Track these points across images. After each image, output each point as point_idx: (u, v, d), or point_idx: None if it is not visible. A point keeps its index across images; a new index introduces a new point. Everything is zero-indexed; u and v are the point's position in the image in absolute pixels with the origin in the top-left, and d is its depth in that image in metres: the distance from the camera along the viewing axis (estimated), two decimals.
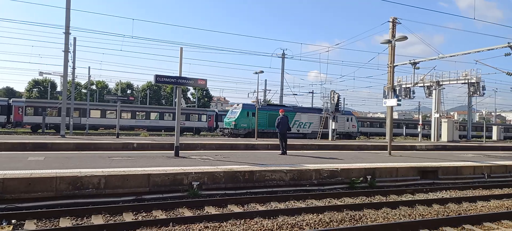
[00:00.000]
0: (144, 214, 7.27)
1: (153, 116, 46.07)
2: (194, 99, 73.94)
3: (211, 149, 19.57)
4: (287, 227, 6.59)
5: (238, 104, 35.62)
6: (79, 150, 16.16)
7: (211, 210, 7.71)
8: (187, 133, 45.60)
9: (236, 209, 7.93)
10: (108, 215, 7.02)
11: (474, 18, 16.92)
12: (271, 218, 7.15)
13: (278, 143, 16.04)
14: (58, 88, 62.48)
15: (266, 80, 47.52)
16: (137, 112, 45.28)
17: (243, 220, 6.89)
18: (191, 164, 10.67)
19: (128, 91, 76.04)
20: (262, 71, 29.10)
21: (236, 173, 9.78)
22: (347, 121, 39.14)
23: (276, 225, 6.62)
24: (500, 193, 10.76)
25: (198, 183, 9.13)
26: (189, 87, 57.54)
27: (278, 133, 15.61)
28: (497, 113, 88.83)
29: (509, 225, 7.47)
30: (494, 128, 57.01)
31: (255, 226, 6.56)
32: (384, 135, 50.51)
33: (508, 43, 17.77)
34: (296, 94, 53.28)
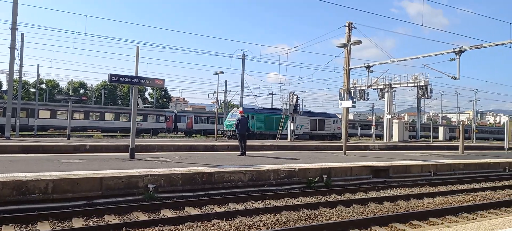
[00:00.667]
0: (96, 219, 6.96)
1: (108, 116, 44.30)
2: (152, 100, 72.11)
3: (169, 150, 19.18)
4: (245, 228, 6.60)
5: (238, 108, 36.90)
6: (26, 153, 15.16)
7: (167, 213, 7.55)
8: (145, 134, 44.35)
9: (194, 211, 7.82)
10: (56, 221, 6.65)
11: (422, 25, 17.95)
12: (229, 219, 7.13)
13: (238, 144, 16.05)
14: (4, 87, 58.31)
15: (226, 81, 47.41)
16: (90, 113, 43.34)
17: (200, 222, 6.81)
18: (147, 166, 10.38)
19: (81, 91, 72.63)
20: (222, 72, 29.01)
21: (194, 174, 9.65)
22: (333, 123, 43.03)
23: (234, 226, 6.61)
24: (445, 190, 11.47)
25: (154, 185, 8.91)
26: (146, 87, 56.05)
27: (237, 133, 15.62)
28: (443, 114, 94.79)
29: (452, 220, 7.99)
30: (441, 129, 60.78)
31: (212, 228, 6.51)
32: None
33: (453, 49, 19.02)
34: (256, 95, 53.54)
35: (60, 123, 40.14)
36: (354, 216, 7.82)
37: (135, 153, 12.96)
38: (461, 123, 29.61)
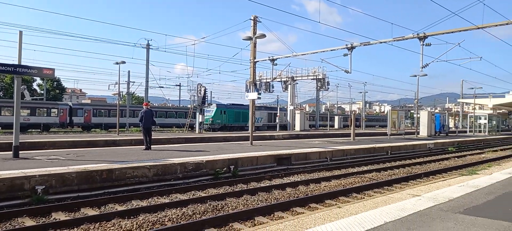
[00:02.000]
0: None
1: None
2: (42, 91, 64.44)
3: (63, 147, 17.42)
4: (148, 224, 6.35)
5: (211, 105, 41.44)
6: None
7: (60, 216, 6.85)
8: (34, 130, 39.46)
9: (91, 212, 7.24)
10: None
11: (319, 22, 19.27)
12: (132, 217, 6.78)
13: (143, 138, 15.31)
14: None
15: (129, 71, 44.56)
16: None
17: (99, 223, 6.33)
18: (35, 166, 9.26)
19: None
20: (124, 62, 27.27)
21: (92, 172, 8.93)
22: (284, 115, 47.48)
23: (136, 224, 6.31)
24: (339, 174, 12.64)
25: (44, 187, 7.99)
26: (35, 77, 49.74)
27: (142, 127, 14.89)
28: (338, 105, 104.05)
29: (344, 200, 8.85)
30: (336, 118, 66.71)
31: (112, 228, 6.12)
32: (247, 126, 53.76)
33: (346, 45, 20.89)
34: (162, 87, 51.70)
35: None
36: (258, 204, 8.12)
37: (21, 152, 11.46)
38: (353, 112, 32.87)
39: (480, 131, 41.47)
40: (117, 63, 27.49)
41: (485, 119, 41.77)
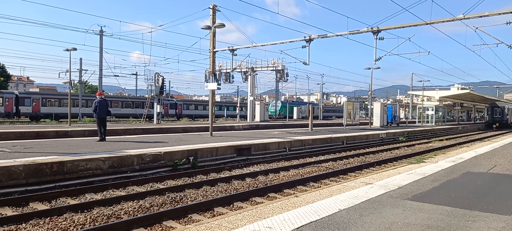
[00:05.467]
0: None
1: None
2: None
3: (9, 138, 16.32)
4: (103, 218, 6.15)
5: (278, 101, 58.39)
6: None
7: (7, 211, 6.46)
8: None
9: (41, 206, 6.89)
10: None
11: (278, 13, 19.42)
12: (85, 211, 6.53)
13: (97, 128, 14.70)
14: None
15: (81, 59, 42.43)
16: None
17: (49, 218, 6.04)
18: None
19: None
20: (75, 49, 25.84)
21: (41, 165, 8.45)
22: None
23: (90, 218, 6.09)
24: (297, 163, 12.92)
25: None
26: None
27: (96, 118, 14.28)
28: (297, 96, 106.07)
29: (301, 189, 9.08)
30: (295, 109, 67.89)
31: (64, 222, 5.86)
32: (208, 117, 53.18)
33: (304, 37, 21.24)
34: (117, 76, 49.75)
35: None
36: (218, 195, 8.13)
37: None
38: (310, 104, 33.60)
39: (427, 122, 44.12)
40: (67, 50, 26.00)
41: (432, 110, 44.43)
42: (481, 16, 15.39)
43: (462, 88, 60.93)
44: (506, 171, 8.64)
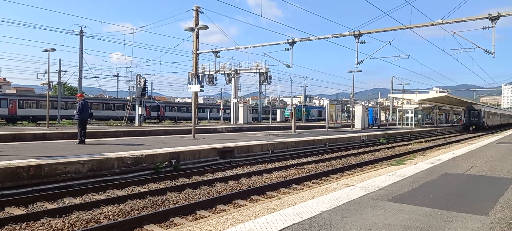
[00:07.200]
0: None
1: None
2: None
3: None
4: (82, 223, 6.02)
5: (293, 105, 55.62)
6: None
7: None
8: None
9: (17, 211, 6.68)
10: None
11: (261, 15, 19.48)
12: (63, 215, 6.37)
13: (78, 131, 14.33)
14: None
15: (60, 59, 41.23)
16: None
17: (26, 223, 5.87)
18: None
19: None
20: (54, 49, 25.22)
21: (17, 169, 8.20)
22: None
23: (69, 223, 5.94)
24: (280, 166, 12.96)
25: None
26: None
27: (79, 120, 13.80)
28: (280, 98, 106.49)
29: (284, 191, 9.11)
30: (278, 111, 68.20)
31: (41, 227, 5.70)
32: (191, 119, 52.82)
33: (287, 40, 21.39)
34: (98, 77, 48.76)
35: None
36: (200, 197, 8.07)
37: None
38: (293, 106, 33.82)
39: (407, 124, 45.06)
40: (46, 50, 25.36)
41: (412, 112, 45.44)
42: (458, 21, 15.86)
43: (440, 92, 62.64)
44: (483, 172, 8.90)
